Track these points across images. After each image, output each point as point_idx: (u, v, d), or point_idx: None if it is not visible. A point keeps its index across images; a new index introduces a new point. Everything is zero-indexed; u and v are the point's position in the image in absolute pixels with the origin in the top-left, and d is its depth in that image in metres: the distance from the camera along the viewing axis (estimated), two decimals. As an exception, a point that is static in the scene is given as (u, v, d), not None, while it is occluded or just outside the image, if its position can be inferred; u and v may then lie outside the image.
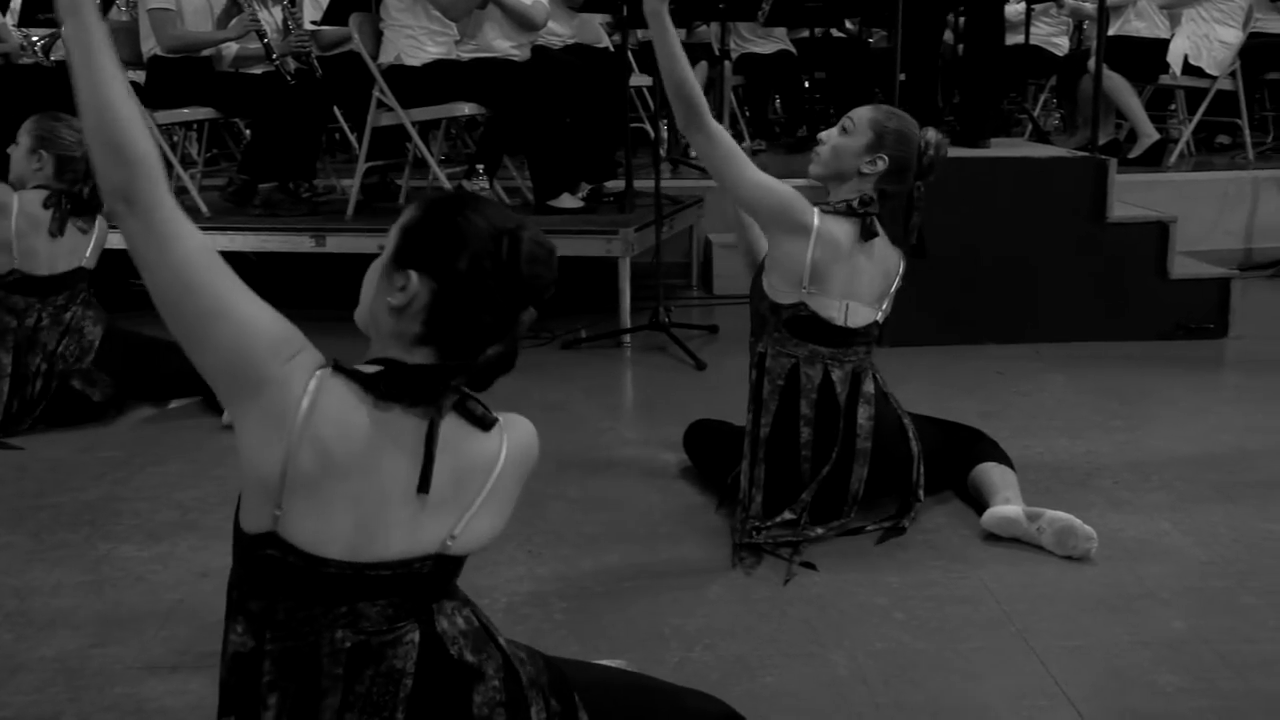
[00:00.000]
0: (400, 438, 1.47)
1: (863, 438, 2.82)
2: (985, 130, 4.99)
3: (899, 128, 2.82)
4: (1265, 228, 6.16)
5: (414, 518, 1.48)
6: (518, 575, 2.65)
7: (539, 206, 5.07)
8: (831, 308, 2.79)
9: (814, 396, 2.80)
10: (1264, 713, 2.07)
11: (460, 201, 1.53)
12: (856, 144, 2.82)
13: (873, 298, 2.87)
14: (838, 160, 2.85)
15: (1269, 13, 7.09)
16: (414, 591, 1.50)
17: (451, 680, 1.51)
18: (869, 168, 2.81)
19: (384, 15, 4.98)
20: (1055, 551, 2.70)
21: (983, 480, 2.94)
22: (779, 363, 2.82)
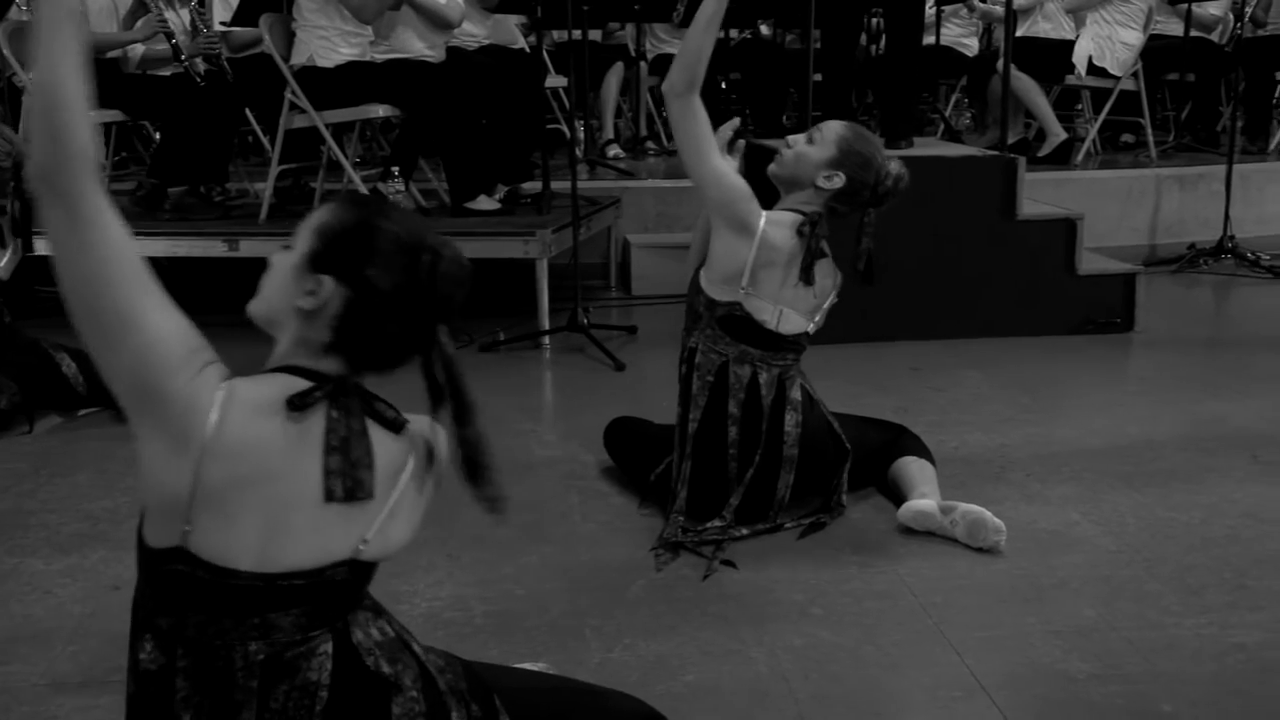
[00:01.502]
0: (309, 445, 1.45)
1: (789, 445, 2.83)
2: (904, 130, 5.06)
3: (863, 151, 2.83)
4: (1168, 224, 6.32)
5: (325, 525, 1.45)
6: (437, 580, 2.63)
7: (455, 208, 5.04)
8: (766, 311, 2.80)
9: (741, 396, 2.81)
10: (1169, 694, 2.13)
11: (379, 210, 1.51)
12: (819, 155, 2.83)
13: (807, 309, 2.88)
14: (798, 166, 2.86)
15: (1168, 16, 7.29)
16: (327, 600, 1.48)
17: (368, 692, 1.50)
18: (825, 182, 2.82)
19: (296, 16, 4.91)
20: (967, 543, 2.74)
21: (901, 475, 2.99)
22: (709, 359, 2.83)
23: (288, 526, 1.44)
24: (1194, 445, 3.44)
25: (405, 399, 1.57)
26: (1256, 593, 2.52)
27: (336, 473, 1.44)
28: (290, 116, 5.00)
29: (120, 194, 5.57)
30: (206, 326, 1.47)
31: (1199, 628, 2.38)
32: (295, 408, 1.43)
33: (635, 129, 7.63)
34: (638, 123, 7.61)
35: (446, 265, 1.48)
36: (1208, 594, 2.52)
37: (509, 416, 3.80)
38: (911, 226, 4.67)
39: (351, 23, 4.86)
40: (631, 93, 7.62)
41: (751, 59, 7.85)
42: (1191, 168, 6.48)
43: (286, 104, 4.96)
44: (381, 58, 4.96)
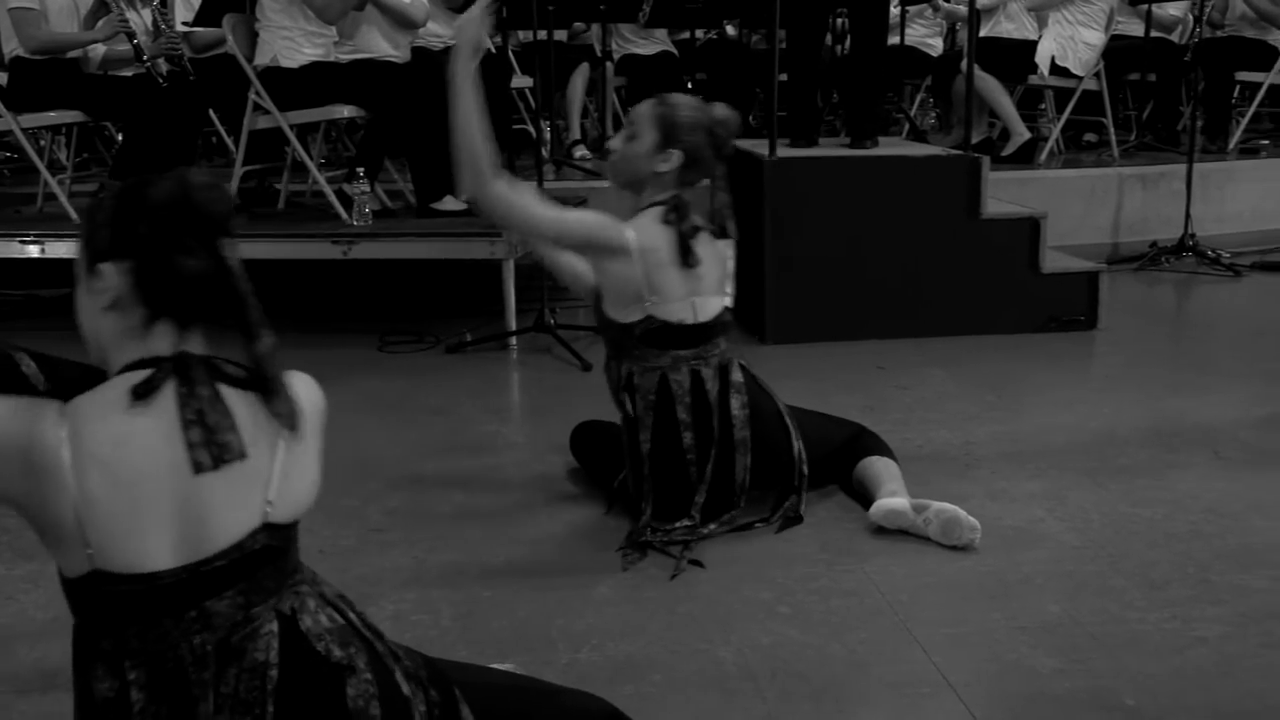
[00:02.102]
0: (172, 429, 1.43)
1: (739, 427, 2.84)
2: (870, 130, 5.08)
3: (685, 117, 2.79)
4: (1131, 223, 6.38)
5: (223, 499, 1.44)
6: (404, 581, 2.62)
7: (421, 209, 5.02)
8: (678, 310, 2.79)
9: (688, 401, 2.80)
10: (1133, 688, 2.14)
11: (113, 189, 1.52)
12: (644, 146, 2.80)
13: (715, 287, 2.88)
14: (630, 166, 2.84)
15: (1129, 16, 7.36)
16: (256, 572, 1.47)
17: (321, 676, 1.49)
18: (663, 165, 2.79)
19: (259, 16, 4.88)
20: (941, 542, 2.75)
21: (867, 474, 2.99)
22: (647, 379, 2.81)
23: (189, 513, 1.43)
24: (1157, 442, 3.47)
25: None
26: (1218, 587, 2.55)
27: (199, 444, 1.42)
28: (254, 117, 4.97)
29: (82, 195, 5.52)
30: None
31: (1162, 622, 2.40)
32: (140, 396, 1.42)
33: (602, 129, 7.63)
34: (604, 123, 7.60)
35: (190, 179, 1.48)
36: (1170, 589, 2.55)
37: (476, 418, 3.79)
38: (877, 226, 4.71)
39: (315, 23, 4.83)
40: (597, 93, 7.62)
41: (717, 59, 7.86)
42: (1153, 167, 6.54)
43: (250, 105, 4.93)
44: (346, 58, 4.94)
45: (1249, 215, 6.72)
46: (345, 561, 2.74)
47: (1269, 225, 6.73)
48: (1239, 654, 2.27)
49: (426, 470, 3.25)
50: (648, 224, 2.79)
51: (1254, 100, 7.37)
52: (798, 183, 4.65)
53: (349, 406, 3.94)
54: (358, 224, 4.82)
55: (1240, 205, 6.69)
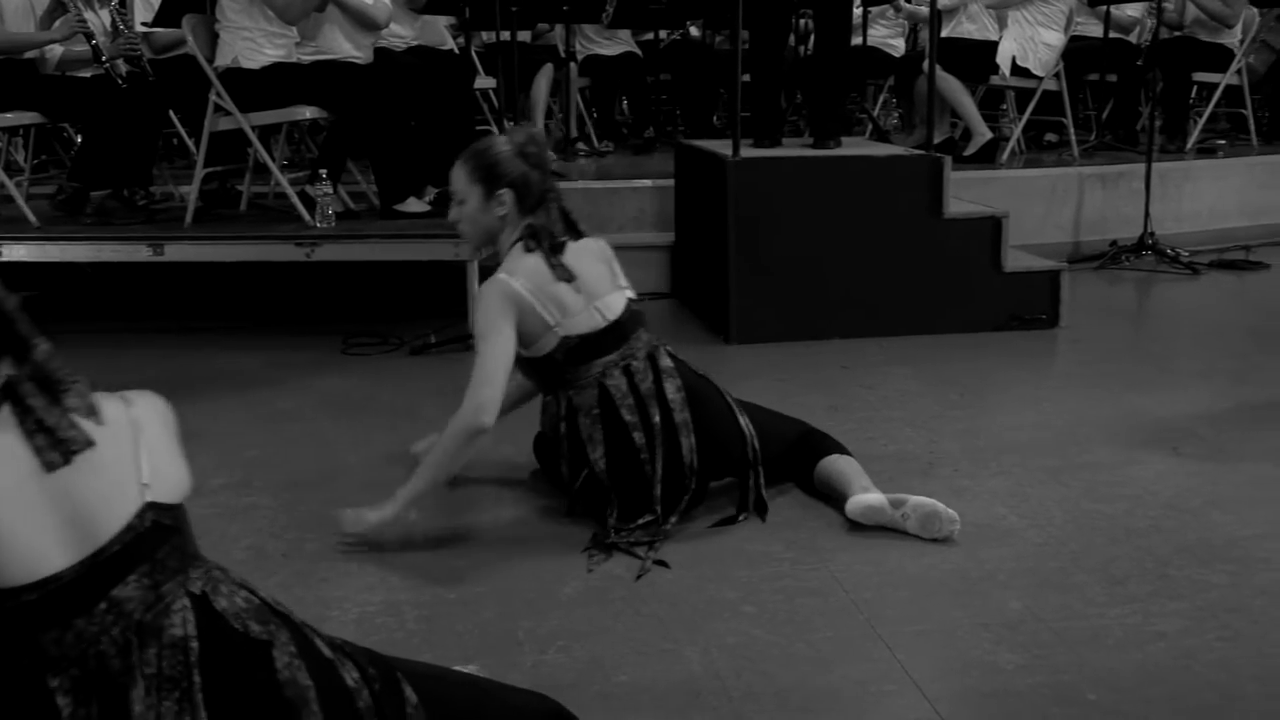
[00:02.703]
0: (20, 443, 1.44)
1: (678, 409, 2.85)
2: (833, 130, 5.10)
3: (493, 157, 2.84)
4: (1091, 222, 6.44)
5: (97, 489, 1.45)
6: (368, 584, 2.61)
7: (384, 211, 5.00)
8: (586, 320, 2.83)
9: (630, 401, 2.82)
10: (1094, 683, 2.16)
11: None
12: (475, 203, 2.85)
13: (610, 284, 2.91)
14: (475, 228, 2.90)
15: (1088, 17, 7.43)
16: (154, 553, 1.48)
17: (244, 652, 1.50)
18: (500, 209, 2.84)
19: (219, 17, 4.85)
20: (920, 535, 2.77)
21: (833, 472, 3.00)
22: (585, 396, 2.83)
23: (68, 510, 1.43)
24: (1117, 439, 3.51)
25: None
26: (1177, 582, 2.58)
27: (46, 447, 1.43)
28: (215, 119, 4.94)
29: (40, 198, 5.47)
30: (132, 332, 1.45)
31: (1122, 617, 2.42)
32: None
33: (566, 130, 7.62)
34: (568, 124, 7.60)
35: None
36: (1131, 584, 2.57)
37: (441, 420, 3.76)
38: (840, 226, 4.73)
39: (276, 24, 4.80)
40: (561, 94, 7.62)
41: (681, 60, 7.87)
42: (1113, 166, 6.61)
43: (211, 106, 4.89)
44: (308, 59, 4.91)
45: (1207, 214, 6.80)
46: (309, 565, 2.72)
47: (1226, 224, 6.82)
48: (1198, 648, 2.30)
49: (390, 473, 3.23)
50: (516, 259, 2.83)
51: (1211, 101, 7.47)
52: (761, 183, 4.67)
53: (312, 409, 3.92)
54: (320, 226, 4.80)
55: (1198, 204, 6.78)
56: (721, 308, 4.75)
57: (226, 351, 4.61)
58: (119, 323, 5.15)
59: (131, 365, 4.37)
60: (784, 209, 4.68)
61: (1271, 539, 2.79)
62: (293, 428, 3.74)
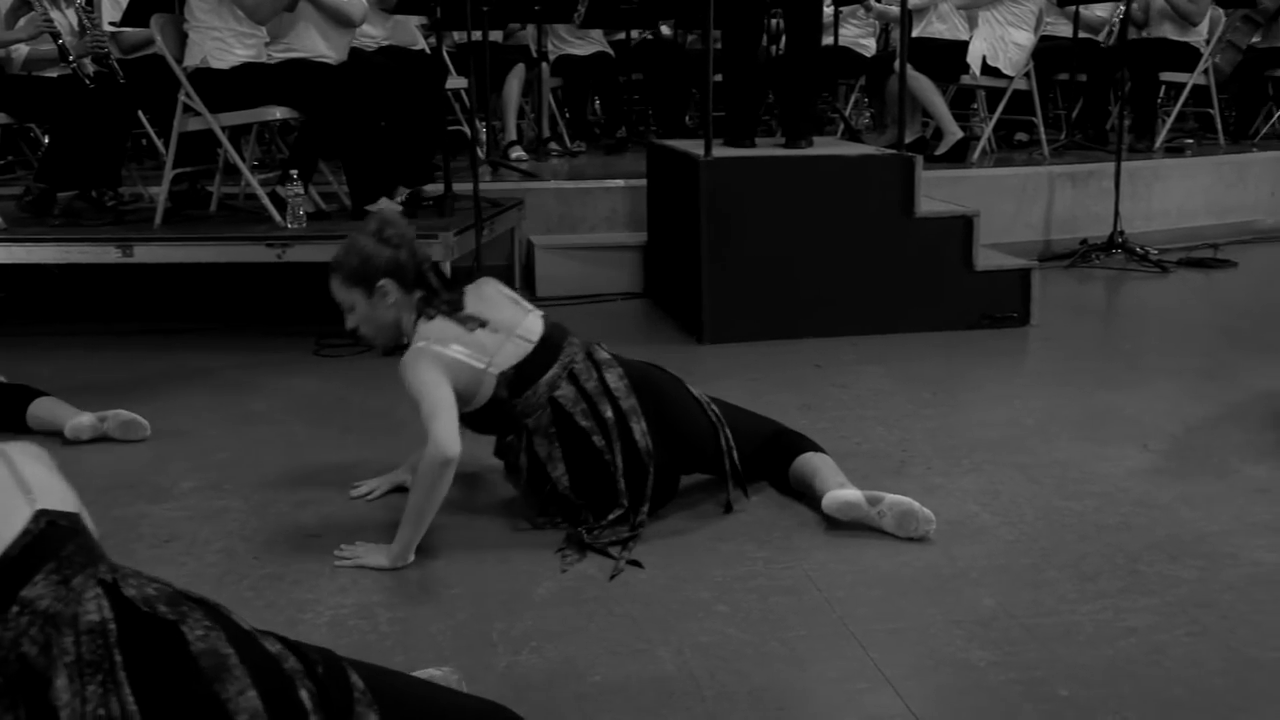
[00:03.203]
0: None
1: (624, 396, 2.85)
2: (805, 129, 5.12)
3: (358, 256, 2.82)
4: (1061, 220, 6.49)
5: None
6: (340, 587, 2.60)
7: (356, 211, 4.98)
8: (513, 349, 2.82)
9: (581, 406, 2.83)
10: (1066, 679, 2.18)
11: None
12: (362, 305, 2.85)
13: (521, 312, 2.91)
14: (376, 329, 2.90)
15: (1058, 17, 7.48)
16: (59, 551, 1.48)
17: (158, 633, 1.50)
18: (384, 298, 2.83)
19: (188, 16, 4.81)
20: (896, 534, 2.78)
21: (807, 469, 3.00)
22: (539, 418, 2.84)
23: None
24: (1088, 436, 3.53)
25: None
26: (1147, 578, 2.60)
27: None
28: (184, 119, 4.91)
29: (6, 199, 5.43)
30: (100, 335, 1.45)
31: (1094, 613, 2.44)
32: None
33: (538, 130, 7.62)
34: (540, 124, 7.59)
35: None
36: (1102, 580, 2.59)
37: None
38: (812, 225, 4.74)
39: (246, 23, 4.78)
40: (534, 94, 7.61)
41: (653, 60, 7.88)
42: (1083, 165, 6.66)
43: (180, 106, 4.86)
44: (279, 57, 4.89)
45: (1175, 213, 6.86)
46: (281, 568, 2.71)
47: (1194, 223, 6.88)
48: (1168, 643, 2.31)
49: (363, 474, 3.22)
50: (423, 328, 2.81)
51: (1178, 100, 7.53)
52: (734, 183, 4.67)
53: (284, 410, 3.90)
54: (292, 227, 4.77)
55: (1167, 203, 6.83)
56: (694, 307, 4.75)
57: (197, 353, 4.58)
58: (88, 325, 5.11)
59: (100, 367, 4.34)
60: (756, 209, 4.69)
61: (1238, 534, 2.81)
62: (264, 429, 3.71)
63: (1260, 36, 8.19)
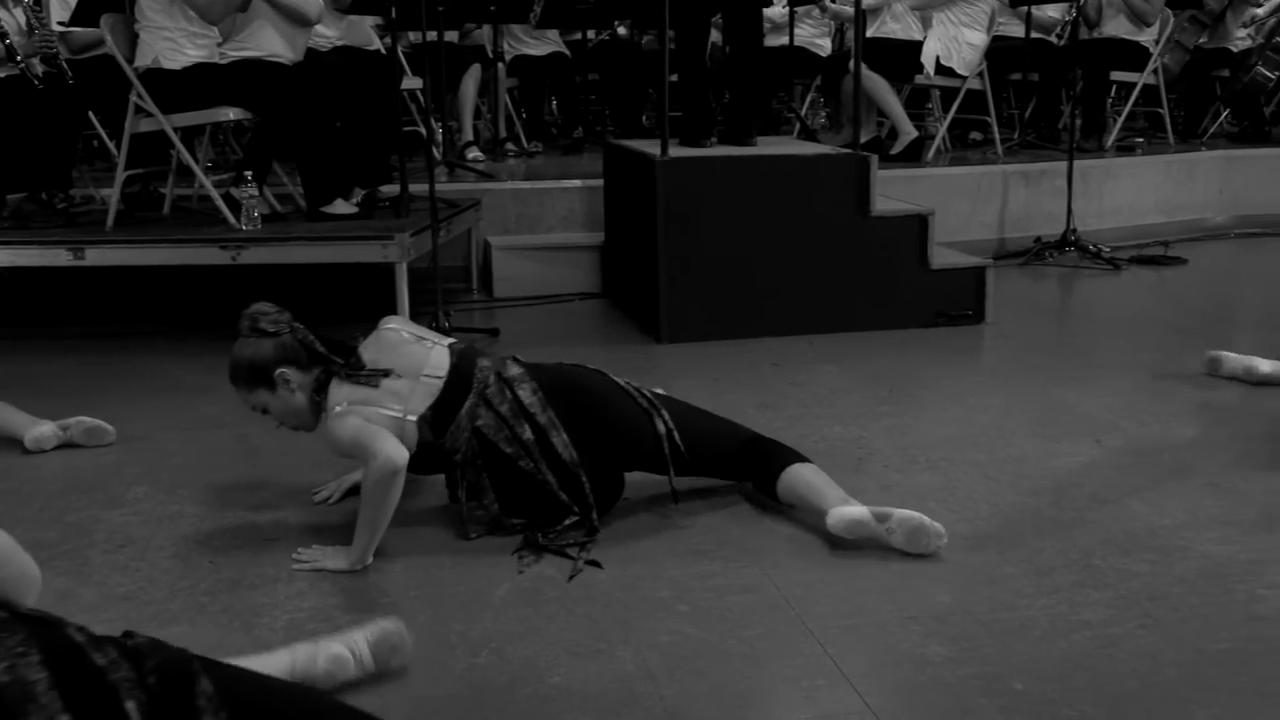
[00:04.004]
0: None
1: (539, 411, 2.83)
2: (752, 129, 5.14)
3: (247, 361, 2.80)
4: (1015, 219, 6.55)
5: None
6: (298, 591, 2.58)
7: (311, 213, 4.95)
8: (425, 390, 2.79)
9: (504, 433, 2.81)
10: (1022, 673, 2.20)
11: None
12: (272, 401, 2.82)
13: (424, 349, 2.86)
14: (293, 416, 2.85)
15: (1010, 18, 7.55)
16: None
17: None
18: (292, 388, 2.80)
19: (138, 16, 4.77)
20: (906, 550, 2.70)
21: (799, 482, 2.91)
22: (466, 451, 2.82)
23: None
24: (1042, 432, 3.56)
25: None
26: (1101, 571, 2.63)
27: None
28: (136, 120, 4.86)
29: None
30: (52, 339, 1.43)
31: (1049, 607, 2.46)
32: None
33: (495, 130, 7.60)
34: (497, 124, 7.57)
35: None
36: (1056, 575, 2.62)
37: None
38: (769, 224, 4.76)
39: (197, 23, 4.74)
40: (490, 94, 7.59)
41: (609, 60, 7.88)
42: (1036, 164, 6.73)
43: (132, 107, 4.81)
44: (234, 55, 4.84)
45: (1127, 211, 6.95)
46: (238, 573, 2.68)
47: (1145, 220, 6.97)
48: (1121, 636, 2.34)
49: (320, 477, 3.20)
50: (334, 394, 2.77)
51: (1129, 100, 7.62)
52: (690, 183, 4.68)
53: (238, 414, 3.85)
54: (246, 228, 4.74)
55: (1118, 201, 6.92)
56: (652, 307, 4.76)
57: (150, 358, 4.53)
58: (37, 329, 5.04)
59: (52, 371, 4.29)
60: (713, 208, 4.70)
61: (1190, 528, 2.85)
62: (220, 434, 3.68)
63: (1207, 37, 8.31)
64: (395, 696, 2.15)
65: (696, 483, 3.08)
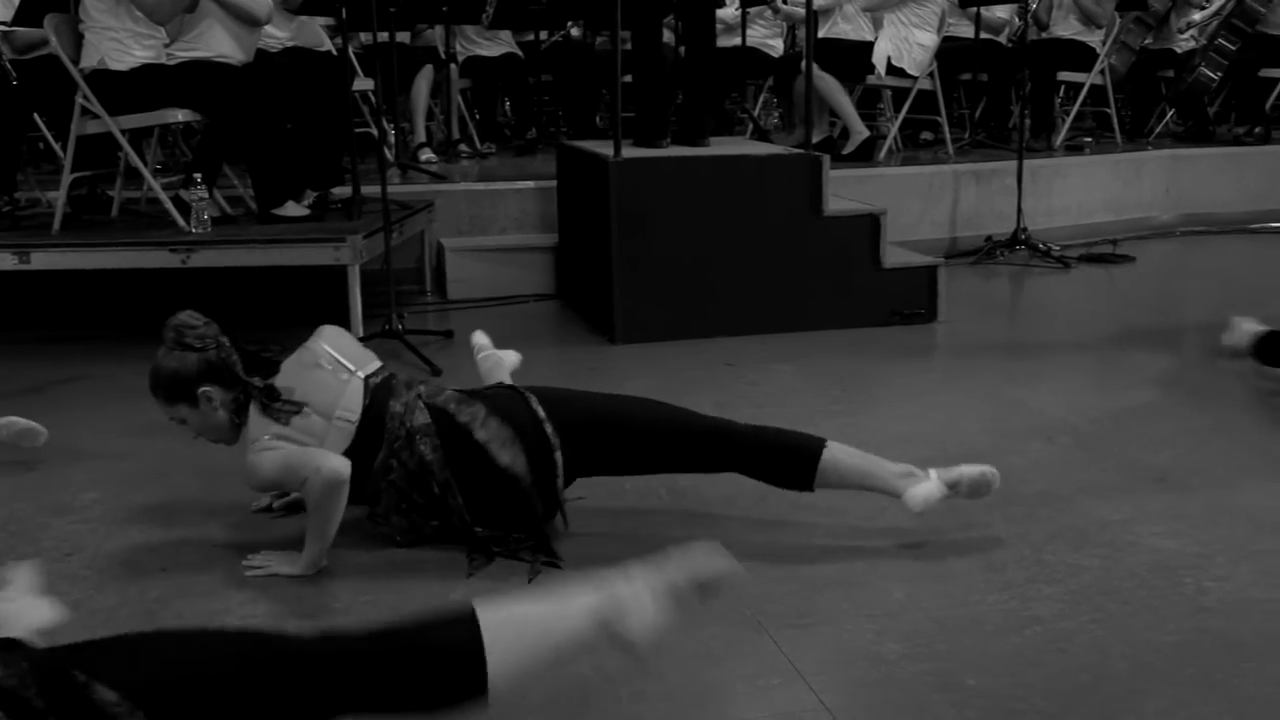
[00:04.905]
0: None
1: (438, 470, 2.74)
2: (705, 129, 5.15)
3: (169, 374, 2.75)
4: (967, 218, 6.61)
5: None
6: (250, 597, 2.56)
7: (262, 215, 4.91)
8: (340, 437, 2.71)
9: (415, 488, 2.74)
10: (974, 669, 2.22)
11: None
12: (192, 417, 2.76)
13: (340, 383, 2.78)
14: (213, 434, 2.81)
15: (960, 18, 7.62)
16: None
17: None
18: (213, 405, 2.74)
19: (83, 16, 4.70)
20: (969, 498, 2.80)
21: (851, 466, 2.85)
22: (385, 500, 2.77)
23: None
24: (993, 430, 3.60)
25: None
26: (1052, 567, 2.66)
27: None
28: (83, 122, 4.79)
29: (-104, 206, 5.25)
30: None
31: (1000, 603, 2.49)
32: None
33: (447, 132, 7.57)
34: (450, 126, 7.55)
35: None
36: (1008, 571, 2.64)
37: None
38: (722, 224, 4.77)
39: (144, 24, 4.68)
40: (442, 95, 7.56)
41: (563, 60, 7.87)
42: (986, 163, 6.79)
43: (78, 109, 4.75)
44: (182, 56, 4.79)
45: (1075, 209, 7.03)
46: (189, 579, 2.66)
47: (1094, 219, 7.06)
48: (1072, 630, 2.37)
49: (272, 482, 3.17)
50: (251, 426, 2.72)
51: (1077, 100, 7.70)
52: (643, 183, 4.69)
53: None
54: (196, 231, 4.69)
55: (1067, 200, 7.00)
56: (606, 308, 4.76)
57: (98, 362, 4.47)
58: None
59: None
60: (666, 209, 4.71)
61: (1139, 523, 2.89)
62: (169, 439, 3.61)
63: (1152, 38, 8.42)
64: (349, 702, 2.14)
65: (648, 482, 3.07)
